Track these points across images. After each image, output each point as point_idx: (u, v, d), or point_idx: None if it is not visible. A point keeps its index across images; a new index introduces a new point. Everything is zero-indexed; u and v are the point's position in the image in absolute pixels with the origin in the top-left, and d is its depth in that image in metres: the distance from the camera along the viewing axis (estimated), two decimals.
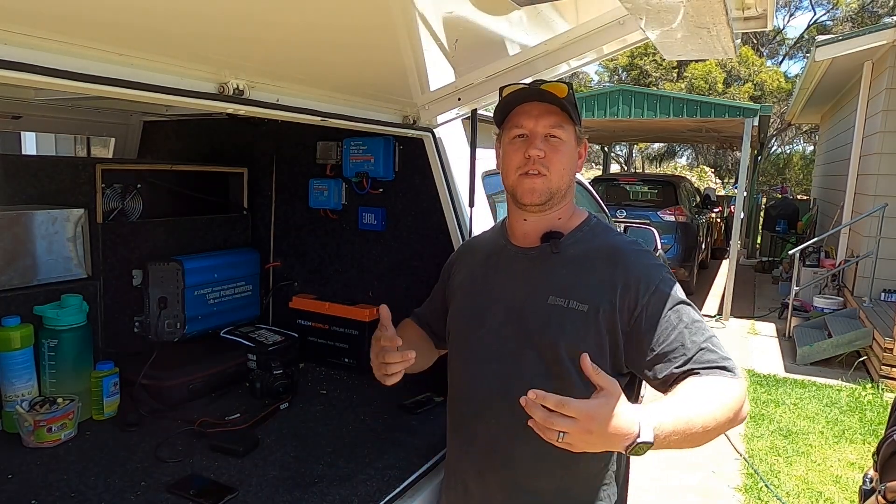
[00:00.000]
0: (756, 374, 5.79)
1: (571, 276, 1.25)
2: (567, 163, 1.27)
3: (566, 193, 1.30)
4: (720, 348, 1.18)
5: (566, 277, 1.25)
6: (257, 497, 1.45)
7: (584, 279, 1.24)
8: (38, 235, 1.91)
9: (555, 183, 1.26)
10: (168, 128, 2.75)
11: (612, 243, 1.29)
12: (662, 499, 3.56)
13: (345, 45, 1.37)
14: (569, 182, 1.30)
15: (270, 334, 2.34)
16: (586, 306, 1.20)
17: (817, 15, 25.24)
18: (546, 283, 1.26)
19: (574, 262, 1.26)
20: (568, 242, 1.29)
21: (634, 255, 1.25)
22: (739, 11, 1.27)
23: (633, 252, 1.26)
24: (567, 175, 1.28)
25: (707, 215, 10.94)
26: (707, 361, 1.15)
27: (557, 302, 1.23)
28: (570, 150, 1.28)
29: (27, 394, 1.75)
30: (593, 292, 1.21)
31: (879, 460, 1.75)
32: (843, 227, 7.66)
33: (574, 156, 1.29)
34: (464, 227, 1.92)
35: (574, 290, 1.23)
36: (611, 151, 17.36)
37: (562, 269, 1.27)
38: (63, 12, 0.90)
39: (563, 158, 1.26)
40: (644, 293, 1.19)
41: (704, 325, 1.20)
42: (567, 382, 1.20)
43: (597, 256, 1.26)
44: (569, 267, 1.26)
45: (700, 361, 1.15)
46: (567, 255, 1.28)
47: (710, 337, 1.19)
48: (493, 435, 1.27)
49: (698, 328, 1.19)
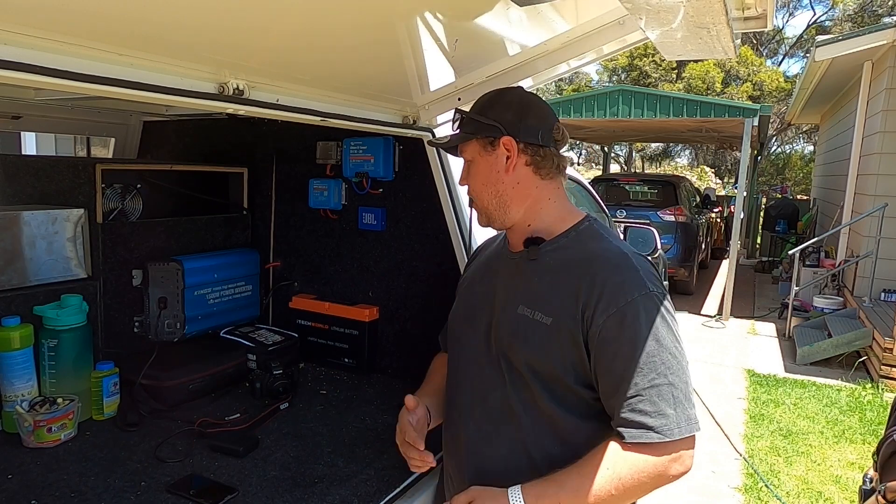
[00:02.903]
0: (756, 374, 5.79)
1: (542, 285, 1.19)
2: (481, 180, 1.23)
3: (504, 204, 1.23)
4: (664, 398, 1.06)
5: (537, 287, 1.19)
6: (257, 497, 1.45)
7: (553, 290, 1.17)
8: (38, 235, 1.91)
9: (480, 205, 1.26)
10: (168, 128, 2.75)
11: (590, 252, 1.18)
12: (662, 499, 3.56)
13: (345, 46, 1.37)
14: (493, 196, 1.23)
15: (270, 334, 2.34)
16: (550, 319, 1.14)
17: (817, 15, 25.27)
18: (519, 291, 1.22)
19: (548, 271, 1.19)
20: (547, 249, 1.22)
21: (609, 270, 1.13)
22: (739, 11, 1.27)
23: (608, 265, 1.14)
24: (485, 192, 1.23)
25: (707, 215, 10.94)
26: (637, 412, 1.06)
27: (525, 312, 1.18)
28: (479, 166, 1.23)
29: (27, 394, 1.75)
30: (559, 305, 1.14)
31: (879, 460, 1.75)
32: (843, 227, 7.67)
33: (486, 166, 1.22)
34: (463, 227, 1.92)
35: (541, 301, 1.17)
36: (611, 151, 17.35)
37: (535, 277, 1.21)
38: (63, 12, 0.90)
39: (474, 180, 1.25)
40: (603, 312, 1.09)
41: (661, 365, 1.07)
42: (531, 394, 1.17)
43: (571, 266, 1.17)
44: (542, 276, 1.20)
45: (630, 409, 1.07)
46: (543, 262, 1.21)
47: (659, 385, 1.06)
48: (472, 439, 1.26)
49: (651, 368, 1.07)
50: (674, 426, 1.06)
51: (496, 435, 1.21)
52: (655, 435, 1.05)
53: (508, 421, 1.20)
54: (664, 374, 1.07)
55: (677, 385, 1.08)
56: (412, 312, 2.27)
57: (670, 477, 1.08)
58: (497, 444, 1.21)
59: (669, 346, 1.09)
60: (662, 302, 1.12)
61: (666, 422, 1.06)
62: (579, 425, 1.16)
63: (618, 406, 1.09)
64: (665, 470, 1.07)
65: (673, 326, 1.12)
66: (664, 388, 1.07)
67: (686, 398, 1.09)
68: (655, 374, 1.07)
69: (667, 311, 1.12)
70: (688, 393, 1.10)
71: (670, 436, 1.05)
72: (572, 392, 1.15)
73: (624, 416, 1.08)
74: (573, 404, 1.16)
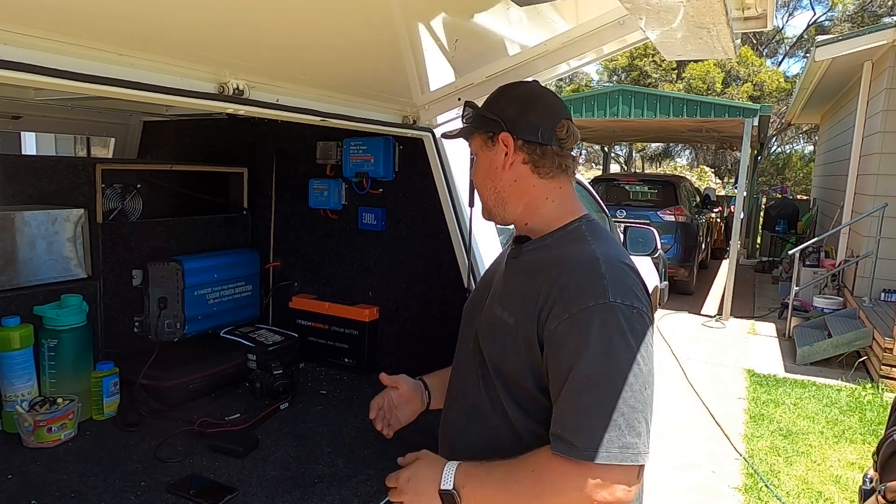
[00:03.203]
0: (756, 374, 5.79)
1: (515, 285, 1.18)
2: (482, 174, 1.23)
3: (502, 201, 1.22)
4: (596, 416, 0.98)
5: (511, 286, 1.19)
6: (257, 497, 1.45)
7: (523, 290, 1.14)
8: (38, 235, 1.91)
9: (483, 198, 1.27)
10: (168, 128, 2.75)
11: (564, 254, 1.13)
12: (662, 498, 3.56)
13: (345, 46, 1.37)
14: (491, 191, 1.22)
15: (270, 334, 2.34)
16: (513, 319, 1.12)
17: (816, 15, 25.27)
18: (500, 290, 1.22)
19: (524, 271, 1.18)
20: (529, 248, 1.20)
21: (571, 273, 1.08)
22: (739, 11, 1.27)
23: (573, 268, 1.09)
24: (485, 186, 1.23)
25: (707, 215, 10.95)
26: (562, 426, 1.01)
27: (498, 311, 1.17)
28: (481, 160, 1.22)
29: (27, 394, 1.75)
30: (522, 305, 1.11)
31: (879, 460, 1.75)
32: (843, 227, 7.67)
33: (487, 161, 1.21)
34: (463, 227, 1.92)
35: (510, 300, 1.16)
36: (611, 151, 17.35)
37: (512, 277, 1.21)
38: (63, 12, 0.90)
39: (476, 174, 1.25)
40: (556, 317, 1.04)
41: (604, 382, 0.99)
42: (495, 393, 1.16)
43: (544, 267, 1.13)
44: (519, 275, 1.19)
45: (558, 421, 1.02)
46: (523, 262, 1.20)
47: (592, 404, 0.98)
48: (451, 429, 1.30)
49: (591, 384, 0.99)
50: (601, 450, 0.96)
51: (468, 428, 1.24)
52: (577, 452, 0.98)
53: (479, 417, 1.21)
54: (607, 394, 0.99)
55: (620, 408, 0.98)
56: (412, 312, 2.27)
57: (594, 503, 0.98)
58: (467, 436, 1.24)
59: (621, 365, 1.00)
60: (628, 315, 1.02)
61: (591, 443, 0.97)
62: (539, 433, 1.09)
63: (555, 414, 1.03)
64: (588, 493, 0.97)
65: (633, 343, 1.01)
66: (602, 408, 0.98)
67: (628, 424, 0.98)
68: (596, 392, 0.99)
69: (631, 326, 1.01)
70: (632, 419, 0.98)
71: (591, 459, 0.97)
72: (531, 396, 1.11)
73: (556, 424, 1.02)
74: (533, 410, 1.11)
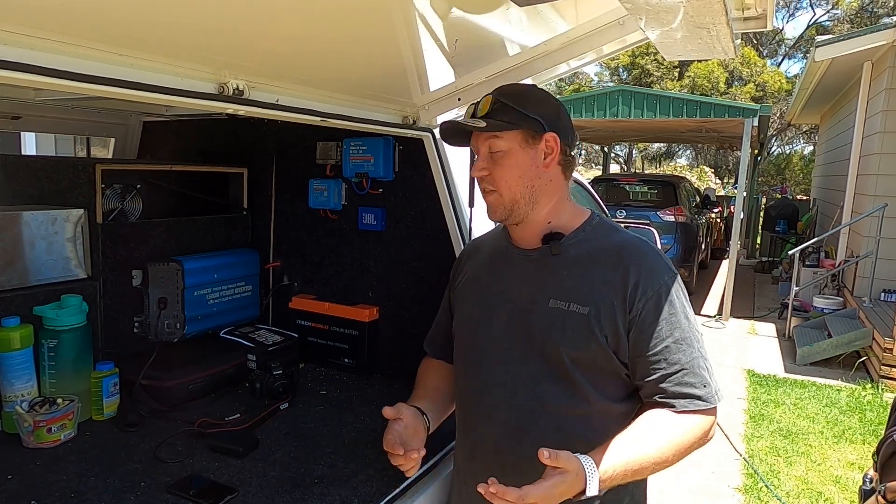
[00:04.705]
0: (756, 374, 5.79)
1: (572, 277, 1.23)
2: (514, 173, 1.22)
3: (535, 199, 1.24)
4: (703, 369, 1.18)
5: (567, 279, 1.23)
6: (257, 497, 1.45)
7: (585, 280, 1.21)
8: (38, 236, 1.91)
9: (507, 197, 1.23)
10: (168, 128, 2.75)
11: (617, 242, 1.25)
12: (662, 498, 3.56)
13: (345, 46, 1.37)
14: (526, 189, 1.22)
15: (270, 334, 2.34)
16: (587, 308, 1.19)
17: (817, 15, 25.27)
18: (548, 285, 1.24)
19: (576, 263, 1.24)
20: (570, 242, 1.26)
21: (640, 256, 1.22)
22: (739, 11, 1.28)
23: (638, 252, 1.23)
24: (519, 184, 1.22)
25: (707, 215, 10.94)
26: (684, 385, 1.17)
27: (559, 305, 1.21)
28: (516, 158, 1.21)
29: (27, 394, 1.75)
30: (595, 293, 1.19)
31: (879, 460, 1.75)
32: (843, 227, 7.67)
33: (526, 159, 1.21)
34: (463, 227, 1.92)
35: (575, 292, 1.21)
36: (611, 151, 17.35)
37: (563, 270, 1.24)
38: (63, 12, 0.90)
39: (508, 171, 1.22)
40: (641, 297, 1.18)
41: (694, 341, 1.19)
42: (571, 385, 1.21)
43: (600, 256, 1.23)
44: (570, 268, 1.24)
45: (677, 383, 1.17)
46: (568, 256, 1.25)
47: (696, 358, 1.18)
48: (500, 438, 1.27)
49: (688, 344, 1.18)
50: (715, 393, 1.19)
51: (530, 430, 1.23)
52: (703, 403, 1.17)
53: (542, 414, 1.22)
54: (698, 349, 1.19)
55: (707, 357, 1.21)
56: (412, 312, 2.27)
57: (709, 438, 1.20)
58: (530, 439, 1.21)
59: (694, 322, 1.21)
60: (680, 281, 1.24)
61: (709, 390, 1.18)
62: (611, 408, 1.23)
63: (663, 382, 1.17)
64: (708, 431, 1.19)
65: (689, 303, 1.24)
66: (700, 360, 1.19)
67: (710, 370, 1.21)
68: (693, 350, 1.18)
69: (684, 289, 1.24)
70: (711, 366, 1.22)
71: (714, 402, 1.18)
72: (610, 376, 1.22)
73: (673, 389, 1.17)
74: (610, 388, 1.23)
